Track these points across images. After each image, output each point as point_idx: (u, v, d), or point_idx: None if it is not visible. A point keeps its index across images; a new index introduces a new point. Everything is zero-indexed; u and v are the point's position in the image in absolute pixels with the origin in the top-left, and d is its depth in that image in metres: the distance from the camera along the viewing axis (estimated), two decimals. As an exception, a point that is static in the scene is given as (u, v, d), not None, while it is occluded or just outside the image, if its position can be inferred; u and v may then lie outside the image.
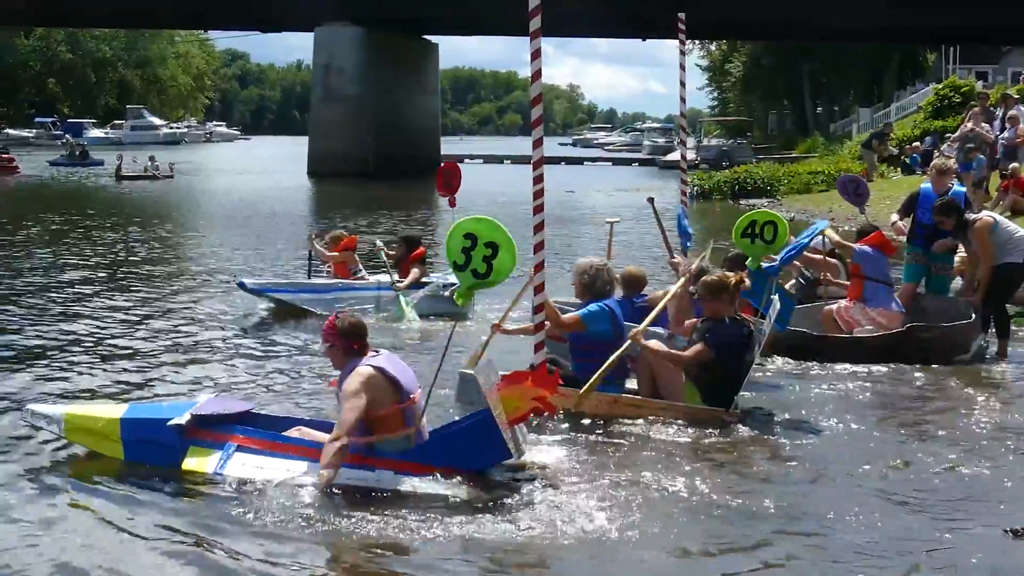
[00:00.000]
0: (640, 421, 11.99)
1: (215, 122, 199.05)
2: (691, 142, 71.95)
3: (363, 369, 9.96)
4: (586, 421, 11.98)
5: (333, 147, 71.94)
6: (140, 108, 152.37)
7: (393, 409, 9.98)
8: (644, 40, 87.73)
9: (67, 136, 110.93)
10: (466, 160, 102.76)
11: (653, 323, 13.45)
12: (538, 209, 11.93)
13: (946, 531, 9.16)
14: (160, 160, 72.00)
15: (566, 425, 11.89)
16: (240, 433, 10.41)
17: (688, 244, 18.37)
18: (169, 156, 79.28)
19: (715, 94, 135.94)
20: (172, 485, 10.02)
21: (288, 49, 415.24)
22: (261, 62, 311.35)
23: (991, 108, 38.31)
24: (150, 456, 10.45)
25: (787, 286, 17.69)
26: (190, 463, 10.27)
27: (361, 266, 20.51)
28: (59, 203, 49.07)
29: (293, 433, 10.45)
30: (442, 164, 21.87)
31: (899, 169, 49.13)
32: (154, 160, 71.77)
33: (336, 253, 20.38)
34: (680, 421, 11.86)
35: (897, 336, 15.41)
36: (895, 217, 18.22)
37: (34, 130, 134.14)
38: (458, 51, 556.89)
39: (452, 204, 20.73)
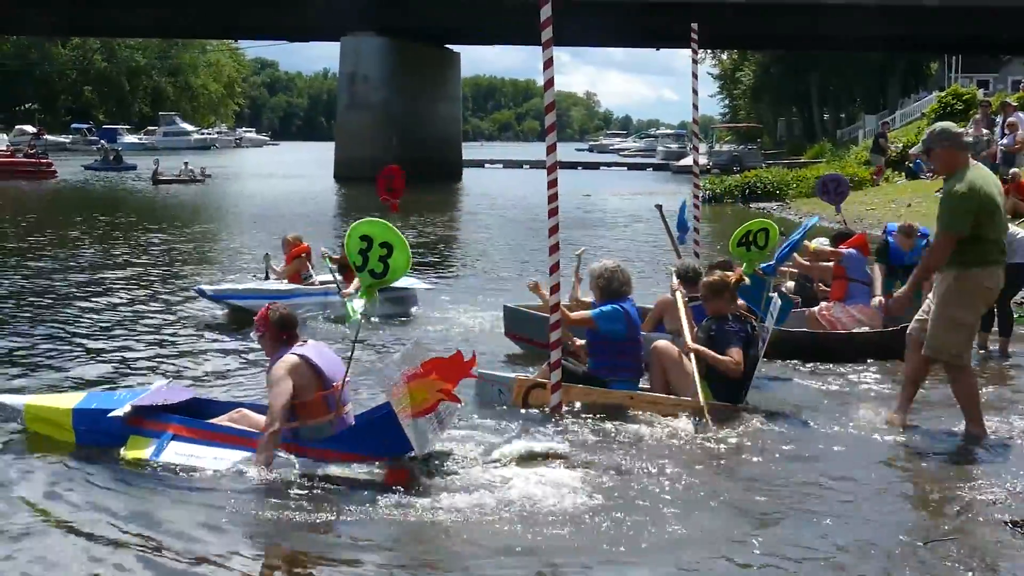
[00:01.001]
0: (651, 416, 11.92)
1: (245, 128, 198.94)
2: (703, 148, 72.05)
3: (288, 358, 10.24)
4: (597, 415, 11.95)
5: (358, 152, 71.92)
6: (172, 115, 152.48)
7: (316, 396, 10.25)
8: (658, 49, 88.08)
9: (102, 142, 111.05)
10: (487, 165, 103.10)
11: (655, 329, 13.60)
12: (553, 212, 11.99)
13: (947, 523, 9.08)
14: (192, 165, 72.28)
15: (572, 419, 11.88)
16: (177, 422, 10.62)
17: (685, 238, 18.53)
18: (200, 161, 79.45)
19: (726, 101, 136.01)
20: (107, 473, 10.16)
21: (315, 58, 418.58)
22: (289, 70, 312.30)
23: (992, 116, 38.30)
24: (98, 444, 10.71)
25: (788, 287, 17.78)
26: (129, 452, 10.49)
27: (312, 272, 20.17)
28: (101, 205, 49.29)
29: (234, 415, 10.70)
30: (386, 168, 21.48)
31: (903, 174, 49.15)
32: (187, 165, 72.06)
33: (286, 266, 20.34)
34: (692, 416, 11.79)
35: (890, 333, 15.45)
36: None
37: (70, 136, 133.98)
38: (478, 60, 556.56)
39: (394, 209, 20.64)
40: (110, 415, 10.67)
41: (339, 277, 18.72)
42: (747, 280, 13.16)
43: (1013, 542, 8.65)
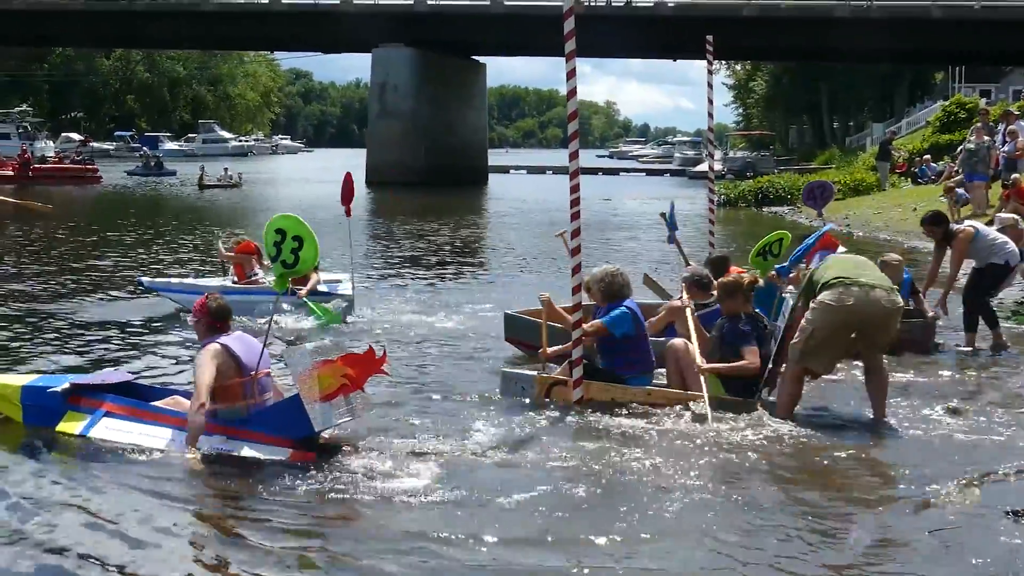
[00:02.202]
0: (664, 412, 11.90)
1: (280, 136, 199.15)
2: (718, 154, 72.02)
3: (212, 346, 10.59)
4: (615, 411, 11.96)
5: (389, 158, 72.09)
6: (211, 123, 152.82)
7: (235, 382, 10.58)
8: (675, 60, 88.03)
9: (144, 149, 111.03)
10: (512, 171, 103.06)
11: (660, 335, 13.69)
12: (574, 216, 12.07)
13: (948, 512, 8.97)
14: (231, 171, 72.49)
15: (575, 415, 11.93)
16: (110, 401, 11.00)
17: (675, 237, 18.51)
18: (238, 167, 79.60)
19: (740, 110, 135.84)
20: (43, 446, 10.62)
21: (348, 68, 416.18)
22: (323, 80, 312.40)
23: (992, 124, 38.27)
24: (41, 419, 11.12)
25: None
26: (64, 425, 10.93)
27: (259, 270, 19.78)
28: (150, 209, 49.53)
29: (168, 402, 11.06)
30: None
31: (909, 180, 49.15)
32: (227, 170, 72.27)
33: (233, 254, 20.11)
34: (703, 412, 11.67)
35: (910, 326, 15.59)
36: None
37: (114, 143, 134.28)
38: (504, 70, 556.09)
39: (348, 214, 20.63)
40: (49, 391, 11.11)
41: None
42: (761, 282, 13.20)
43: (1014, 529, 8.55)
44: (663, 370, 12.77)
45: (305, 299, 18.32)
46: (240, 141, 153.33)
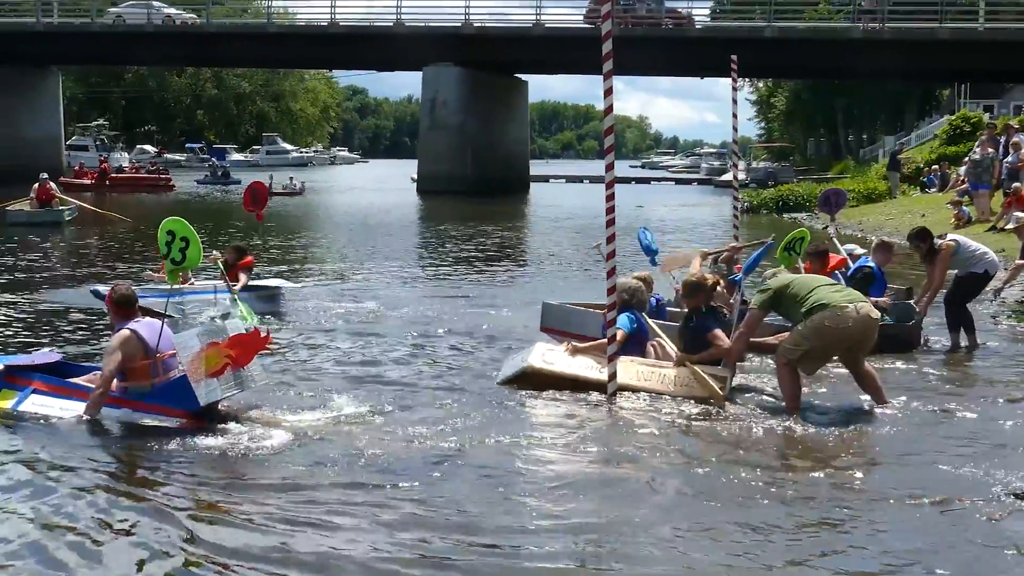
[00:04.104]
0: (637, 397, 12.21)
1: (338, 147, 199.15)
2: (742, 165, 71.75)
3: (122, 332, 11.23)
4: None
5: (438, 169, 72.13)
6: (274, 135, 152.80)
7: (141, 363, 11.20)
8: (702, 78, 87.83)
9: (212, 159, 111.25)
10: (551, 180, 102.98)
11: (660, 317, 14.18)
12: (610, 223, 12.21)
13: (951, 497, 8.84)
14: (296, 180, 73.05)
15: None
16: (38, 379, 11.63)
17: (656, 260, 18.23)
18: (300, 176, 79.84)
19: (762, 124, 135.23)
20: None
21: (400, 85, 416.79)
22: (378, 96, 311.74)
23: (997, 137, 38.25)
24: None
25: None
26: None
27: (191, 275, 19.22)
28: (223, 214, 49.60)
29: (90, 377, 11.60)
30: (250, 183, 21.18)
31: (918, 188, 49.16)
32: (292, 179, 72.88)
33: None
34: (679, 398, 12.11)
35: (907, 328, 15.79)
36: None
37: (185, 154, 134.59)
38: (544, 87, 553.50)
39: (259, 219, 20.63)
40: None
41: (227, 280, 18.18)
42: (721, 284, 13.75)
43: (1015, 511, 8.56)
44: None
45: (236, 296, 18.31)
46: (301, 152, 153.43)
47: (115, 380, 11.18)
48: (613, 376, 12.21)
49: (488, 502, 8.81)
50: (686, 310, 13.36)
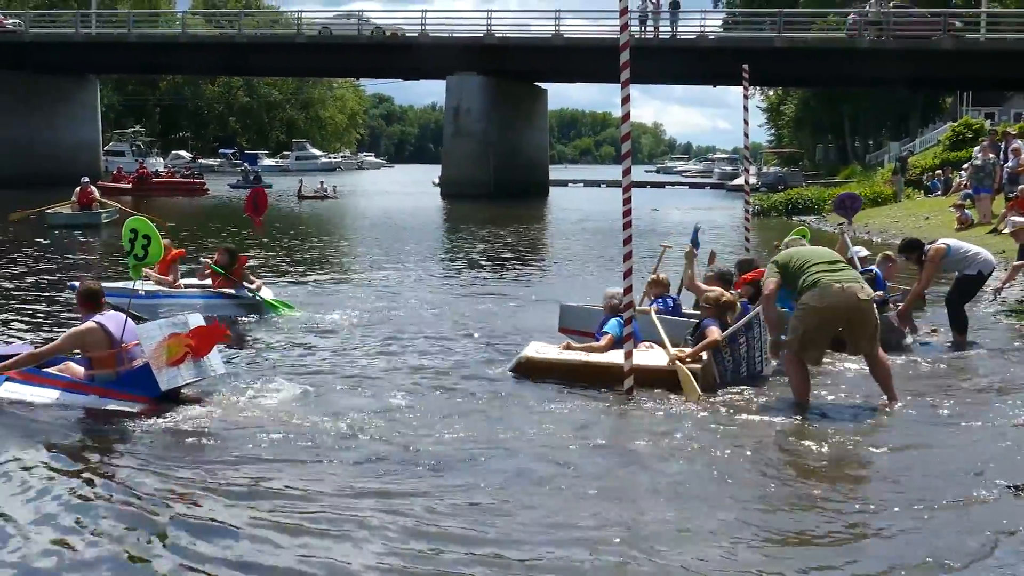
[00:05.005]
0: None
1: (365, 153, 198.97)
2: (753, 169, 71.67)
3: (88, 324, 11.60)
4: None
5: (462, 174, 72.22)
6: (304, 141, 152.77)
7: (107, 353, 11.52)
8: (714, 87, 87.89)
9: (244, 164, 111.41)
10: (570, 184, 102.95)
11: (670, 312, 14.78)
12: (626, 226, 12.30)
13: (953, 491, 8.78)
14: (327, 184, 73.41)
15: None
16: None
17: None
18: (330, 180, 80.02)
19: (772, 130, 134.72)
20: None
21: (425, 93, 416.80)
22: (403, 104, 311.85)
23: (998, 143, 38.25)
24: None
25: None
26: None
27: (179, 276, 19.39)
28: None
29: (61, 367, 11.88)
30: (252, 190, 21.12)
31: (922, 191, 49.16)
32: (323, 183, 73.23)
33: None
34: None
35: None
36: None
37: (218, 160, 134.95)
38: (563, 95, 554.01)
39: (258, 224, 20.53)
40: None
41: (245, 284, 18.44)
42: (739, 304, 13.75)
43: (1016, 504, 8.52)
44: None
45: (256, 294, 18.43)
46: (329, 158, 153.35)
47: (82, 368, 11.63)
48: (630, 372, 12.13)
49: (489, 506, 8.56)
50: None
